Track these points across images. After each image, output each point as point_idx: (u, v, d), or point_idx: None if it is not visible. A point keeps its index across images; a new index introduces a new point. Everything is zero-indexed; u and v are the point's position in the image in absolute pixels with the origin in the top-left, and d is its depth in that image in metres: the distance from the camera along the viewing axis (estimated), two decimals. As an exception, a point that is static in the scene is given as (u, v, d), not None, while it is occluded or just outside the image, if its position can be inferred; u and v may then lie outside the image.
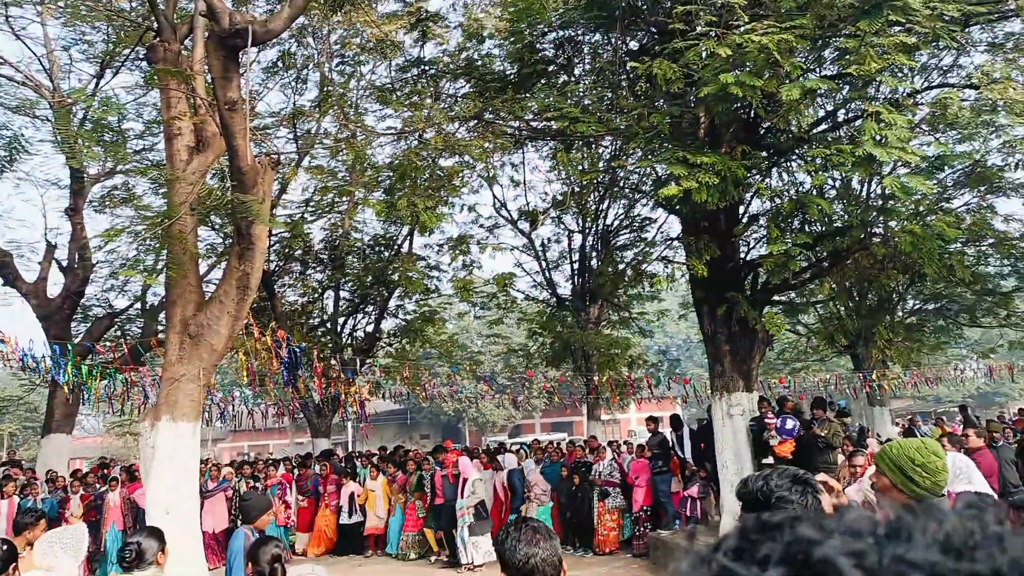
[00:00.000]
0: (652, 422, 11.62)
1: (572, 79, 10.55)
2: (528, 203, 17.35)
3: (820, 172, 8.28)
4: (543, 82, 10.37)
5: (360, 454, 15.16)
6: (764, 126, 9.10)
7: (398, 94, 11.36)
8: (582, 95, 10.12)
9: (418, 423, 43.72)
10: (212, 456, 31.05)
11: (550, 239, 17.92)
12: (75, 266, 13.85)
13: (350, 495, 12.18)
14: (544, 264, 17.67)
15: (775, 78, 6.93)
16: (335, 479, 12.61)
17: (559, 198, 16.08)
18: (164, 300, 9.51)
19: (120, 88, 41.01)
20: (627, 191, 15.57)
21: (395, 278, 15.93)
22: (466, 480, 10.20)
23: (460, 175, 12.50)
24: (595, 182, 14.70)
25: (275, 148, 12.85)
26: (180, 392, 6.92)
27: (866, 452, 7.94)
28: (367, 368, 16.80)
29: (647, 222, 16.71)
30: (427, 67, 11.16)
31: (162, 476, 6.72)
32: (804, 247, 8.66)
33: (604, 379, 15.70)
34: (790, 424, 9.12)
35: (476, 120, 10.85)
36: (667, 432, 11.57)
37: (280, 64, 13.96)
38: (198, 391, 7.06)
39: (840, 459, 8.94)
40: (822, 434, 8.95)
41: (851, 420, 13.96)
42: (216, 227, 14.53)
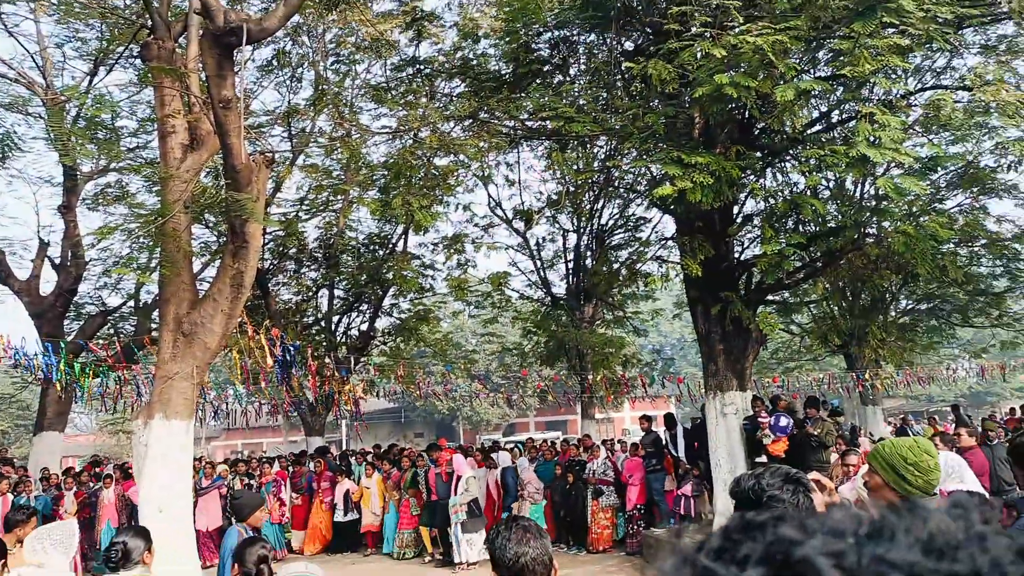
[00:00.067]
0: (646, 421, 11.65)
1: (567, 79, 10.56)
2: (523, 202, 17.41)
3: (814, 173, 8.31)
4: (538, 82, 10.38)
5: (355, 452, 15.13)
6: (758, 127, 9.13)
7: (393, 93, 11.35)
8: (577, 95, 10.13)
9: (412, 422, 43.68)
10: (206, 454, 30.96)
11: (545, 238, 17.96)
12: (68, 264, 13.79)
13: (345, 493, 12.17)
14: (539, 263, 17.68)
15: (769, 79, 6.95)
16: (329, 476, 12.59)
17: (554, 197, 16.10)
18: (157, 298, 9.49)
19: (114, 86, 40.78)
20: (622, 191, 15.59)
21: (390, 277, 15.93)
22: (460, 478, 10.21)
23: (455, 174, 12.51)
24: (590, 182, 14.71)
25: (270, 146, 12.82)
26: (173, 390, 6.91)
27: (859, 451, 7.97)
28: (361, 366, 16.78)
29: (642, 222, 16.74)
30: (422, 66, 11.15)
31: (155, 474, 6.71)
32: (798, 247, 8.70)
33: (598, 378, 15.72)
34: (784, 422, 9.14)
35: (471, 119, 10.85)
36: (661, 431, 11.60)
37: (275, 62, 13.94)
38: (191, 389, 7.05)
39: (833, 458, 8.97)
40: (815, 433, 8.98)
41: (844, 419, 14.02)
42: (210, 225, 14.49)
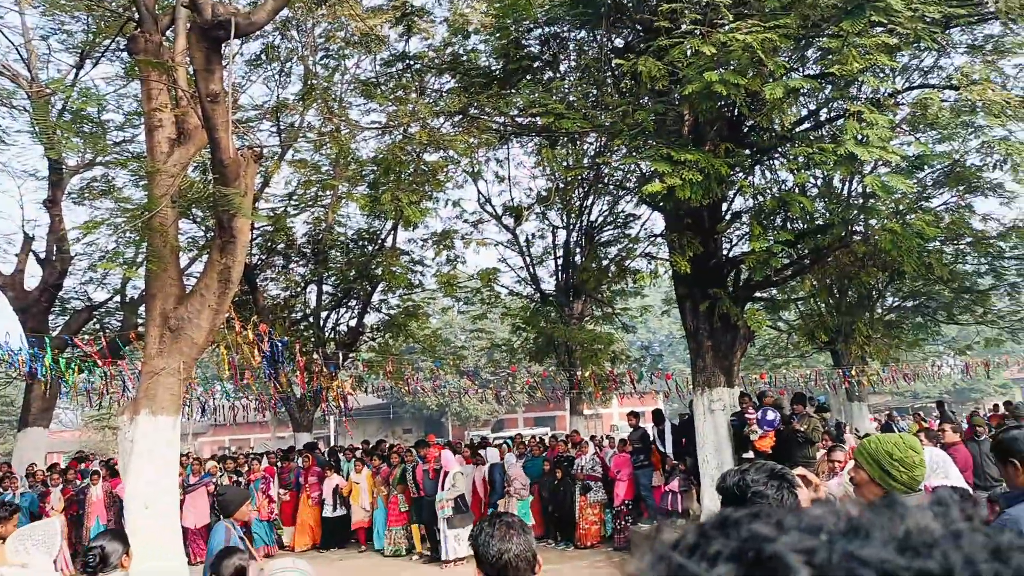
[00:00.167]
0: (633, 417, 11.69)
1: (557, 75, 10.56)
2: (512, 199, 17.35)
3: (802, 170, 8.36)
4: (528, 78, 10.37)
5: (343, 448, 15.10)
6: (747, 124, 9.17)
7: (383, 88, 11.31)
8: (567, 91, 10.14)
9: (401, 417, 43.63)
10: (192, 450, 30.81)
11: (534, 235, 17.96)
12: (53, 258, 13.67)
13: (334, 488, 12.14)
14: (528, 259, 17.68)
15: (759, 77, 6.98)
16: (317, 471, 12.55)
17: (544, 194, 16.10)
18: (144, 293, 9.43)
19: (100, 79, 40.44)
20: (611, 187, 15.61)
21: (379, 272, 15.88)
22: (447, 473, 10.21)
23: (445, 170, 12.49)
24: (579, 178, 14.72)
25: (258, 141, 12.74)
26: (160, 386, 6.87)
27: (845, 447, 8.03)
28: (350, 362, 16.74)
29: (631, 218, 16.77)
30: (412, 62, 11.11)
31: (141, 470, 6.67)
32: (786, 244, 8.76)
33: (587, 374, 15.75)
34: (771, 416, 9.20)
35: (461, 115, 10.83)
36: (649, 427, 11.65)
37: (263, 57, 13.84)
38: (178, 385, 7.01)
39: (819, 454, 9.04)
40: (801, 429, 9.04)
41: (830, 415, 14.11)
42: (197, 220, 14.38)
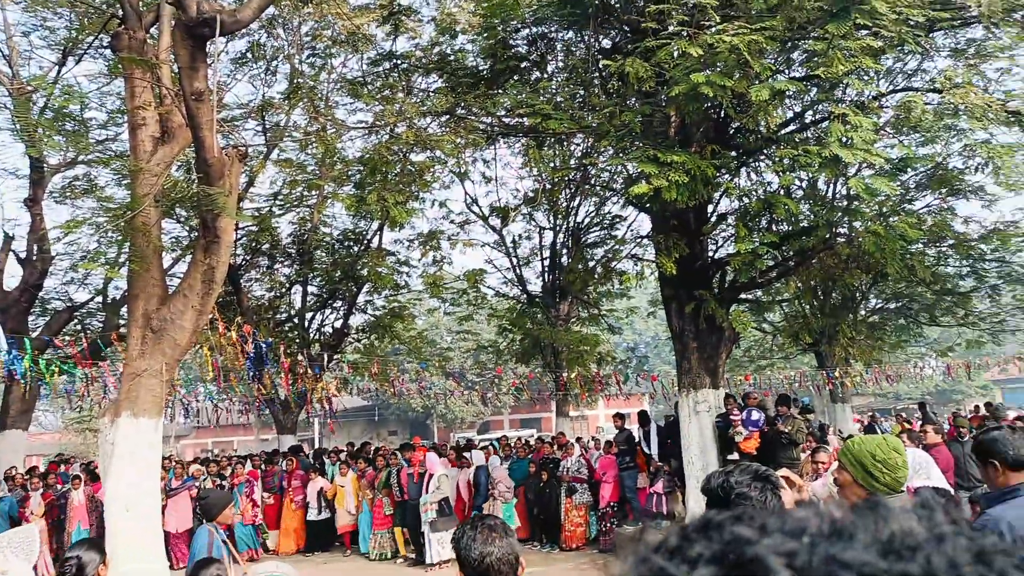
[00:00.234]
0: (619, 419, 11.70)
1: (545, 76, 10.55)
2: (499, 199, 17.36)
3: (787, 172, 8.40)
4: (516, 78, 10.37)
5: (328, 451, 15.01)
6: (734, 126, 9.21)
7: (369, 88, 11.26)
8: (554, 92, 10.14)
9: (386, 419, 43.47)
10: (175, 453, 30.51)
11: (521, 236, 17.97)
12: (34, 258, 13.49)
13: (318, 491, 12.06)
14: (515, 261, 17.66)
15: (745, 78, 7.01)
16: (301, 475, 12.47)
17: (530, 195, 16.09)
18: (126, 294, 9.31)
19: (83, 76, 39.90)
20: (598, 189, 15.63)
21: (364, 273, 15.80)
22: (431, 476, 10.16)
23: (431, 170, 12.44)
24: (566, 179, 14.72)
25: (243, 140, 12.64)
26: (142, 387, 6.79)
27: (829, 448, 8.08)
28: (335, 364, 16.65)
29: (617, 220, 16.81)
30: (399, 61, 11.07)
31: (122, 472, 6.59)
32: (771, 246, 8.80)
33: (573, 376, 15.75)
34: (755, 416, 9.25)
35: (448, 115, 10.80)
36: (634, 428, 11.66)
37: (249, 55, 13.73)
38: (160, 386, 6.94)
39: (804, 455, 9.09)
40: (786, 430, 9.08)
41: (814, 417, 14.21)
42: (181, 220, 14.25)
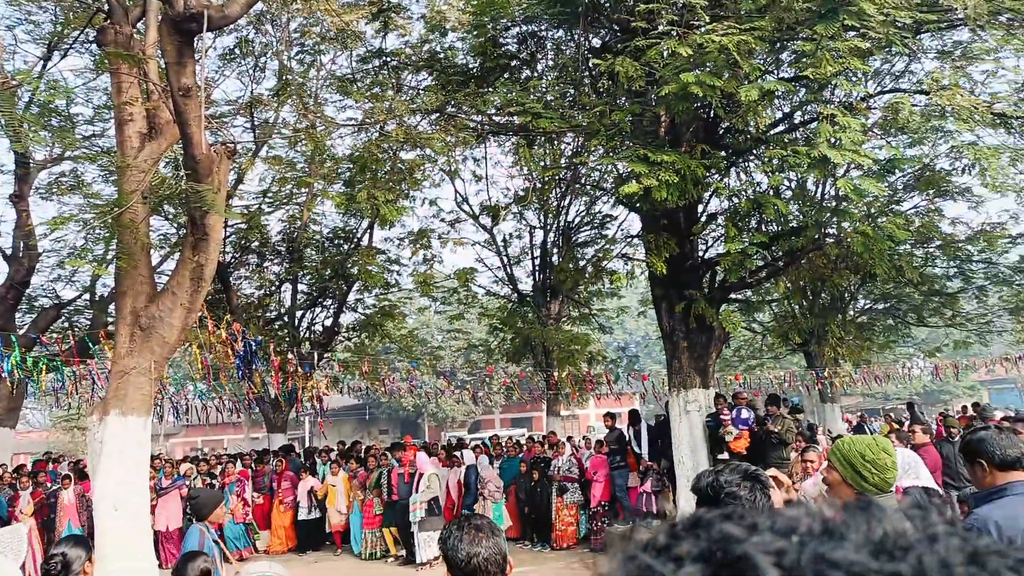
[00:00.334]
0: (609, 418, 11.72)
1: (535, 74, 10.55)
2: (490, 198, 17.29)
3: (777, 173, 8.43)
4: (506, 77, 10.35)
5: (319, 450, 14.96)
6: (723, 126, 9.23)
7: (359, 85, 11.21)
8: (545, 91, 10.13)
9: (377, 418, 43.38)
10: (164, 451, 30.34)
11: (512, 235, 17.91)
12: (20, 255, 13.38)
13: (309, 490, 12.01)
14: (505, 259, 17.65)
15: (734, 79, 7.02)
16: (290, 476, 12.42)
17: (521, 194, 16.08)
18: (114, 291, 9.24)
19: (68, 71, 39.68)
20: (588, 188, 15.65)
21: (354, 272, 15.75)
22: (421, 475, 10.14)
23: (421, 168, 12.39)
24: (557, 178, 14.72)
25: (231, 137, 12.57)
26: (130, 385, 6.74)
27: (819, 448, 8.11)
28: (325, 362, 16.59)
29: (608, 219, 16.82)
30: (389, 58, 11.03)
31: (111, 470, 6.54)
32: (760, 246, 8.83)
33: (564, 375, 15.76)
34: (745, 414, 9.30)
35: (438, 113, 10.77)
36: (624, 427, 11.67)
37: (237, 51, 13.66)
38: (149, 385, 6.89)
39: (793, 455, 9.12)
40: (776, 430, 9.12)
41: (803, 417, 14.27)
42: (169, 217, 14.16)
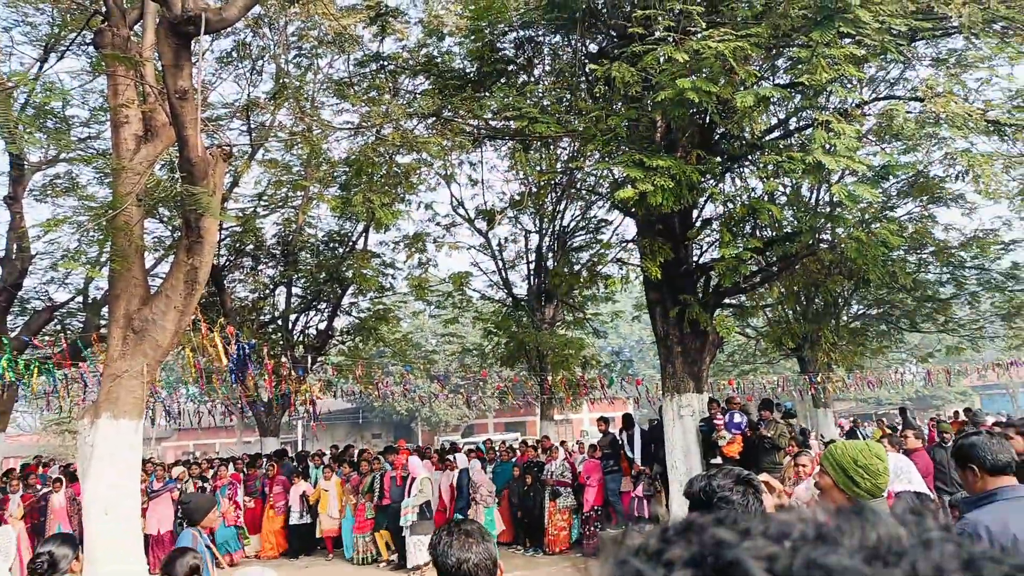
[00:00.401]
0: (603, 422, 11.73)
1: (532, 79, 10.57)
2: (485, 202, 17.34)
3: (771, 178, 8.46)
4: (502, 81, 10.36)
5: (312, 454, 14.91)
6: (719, 132, 9.26)
7: (356, 89, 11.21)
8: (541, 96, 10.15)
9: (370, 422, 43.25)
10: (156, 455, 30.16)
11: (507, 239, 17.99)
12: (13, 257, 13.30)
13: (301, 494, 11.97)
14: (500, 264, 17.65)
15: (730, 85, 7.05)
16: (282, 481, 12.37)
17: (517, 198, 16.08)
18: (107, 294, 9.21)
19: (65, 73, 39.65)
20: (584, 193, 15.67)
21: (349, 275, 15.73)
22: (414, 479, 10.12)
23: (417, 172, 12.40)
24: (552, 183, 14.74)
25: (227, 140, 12.55)
26: (122, 389, 6.72)
27: (812, 452, 8.13)
28: (319, 366, 16.54)
29: (603, 224, 16.85)
30: (386, 62, 11.04)
31: (102, 473, 6.52)
32: (755, 251, 8.85)
33: (558, 379, 15.76)
34: (738, 418, 9.33)
35: (435, 117, 10.78)
36: (616, 431, 11.67)
37: (235, 54, 13.65)
38: (141, 388, 6.86)
39: (787, 460, 9.14)
40: (769, 435, 9.14)
41: (796, 421, 14.29)
42: (164, 219, 14.13)
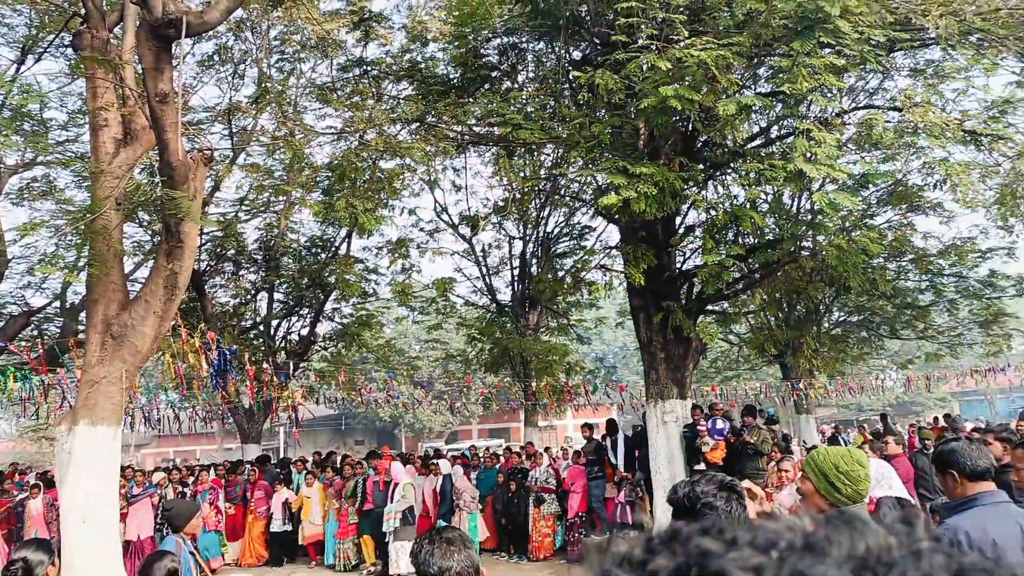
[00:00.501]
0: (587, 429, 11.72)
1: (515, 86, 10.59)
2: (469, 208, 17.32)
3: (753, 186, 8.53)
4: (486, 87, 10.37)
5: (293, 460, 14.78)
6: (701, 139, 9.32)
7: (339, 93, 11.17)
8: (525, 102, 10.17)
9: (353, 428, 43.02)
10: (135, 462, 29.81)
11: (491, 245, 17.90)
12: (-11, 261, 13.09)
13: (283, 502, 11.85)
14: (484, 269, 17.63)
15: (713, 93, 7.10)
16: (264, 486, 12.25)
17: (500, 204, 16.09)
18: (85, 299, 9.09)
19: (43, 75, 39.06)
20: (568, 199, 15.70)
21: (332, 281, 15.64)
22: (396, 485, 10.06)
23: (401, 178, 12.36)
24: (536, 189, 14.76)
25: (208, 144, 12.44)
26: (100, 395, 6.62)
27: (794, 458, 8.18)
28: (301, 372, 16.42)
29: (587, 230, 16.89)
30: (369, 67, 11.01)
31: (79, 480, 6.43)
32: (737, 258, 8.91)
33: (542, 385, 15.75)
34: (720, 424, 9.37)
35: (418, 123, 10.76)
36: (599, 437, 11.67)
37: (216, 58, 13.56)
38: (120, 394, 6.77)
39: (770, 465, 9.18)
40: (752, 441, 9.18)
41: (779, 427, 14.38)
42: (144, 223, 13.97)
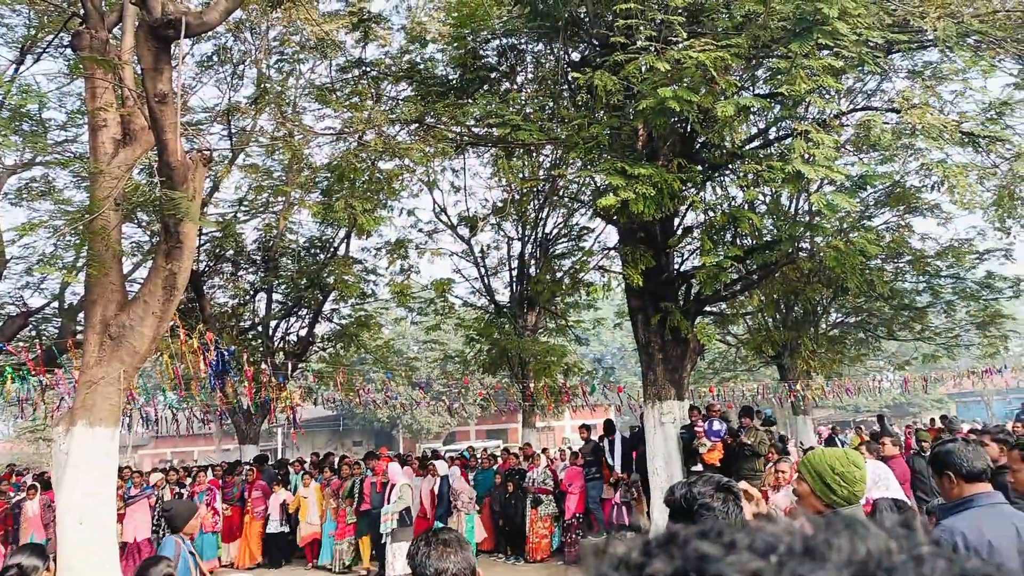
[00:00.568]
0: (585, 430, 11.72)
1: (514, 87, 10.60)
2: (468, 209, 17.35)
3: (752, 187, 8.54)
4: (485, 88, 10.39)
5: (291, 461, 14.77)
6: (700, 141, 9.34)
7: (338, 94, 11.17)
8: (524, 103, 10.18)
9: (351, 429, 42.99)
10: (133, 463, 29.77)
11: (489, 245, 17.91)
12: (-13, 261, 13.08)
13: (281, 503, 11.84)
14: (483, 270, 17.64)
15: (711, 94, 7.12)
16: (262, 487, 12.24)
17: (499, 205, 16.10)
18: (84, 299, 9.08)
19: (42, 75, 39.07)
20: (566, 200, 15.72)
21: (330, 281, 15.63)
22: (393, 486, 10.06)
23: (400, 179, 12.36)
24: (535, 190, 14.78)
25: (207, 144, 12.44)
26: (98, 396, 6.62)
27: (791, 459, 8.18)
28: (299, 373, 16.42)
29: (585, 231, 16.91)
30: (368, 68, 11.02)
31: (77, 481, 6.41)
32: (735, 260, 8.92)
33: (540, 386, 15.75)
34: (717, 426, 9.37)
35: (417, 124, 10.77)
36: (597, 437, 11.68)
37: (215, 58, 13.56)
38: (118, 395, 6.76)
39: (767, 467, 9.19)
40: (749, 442, 9.19)
41: (776, 429, 14.40)
42: (142, 224, 13.97)
